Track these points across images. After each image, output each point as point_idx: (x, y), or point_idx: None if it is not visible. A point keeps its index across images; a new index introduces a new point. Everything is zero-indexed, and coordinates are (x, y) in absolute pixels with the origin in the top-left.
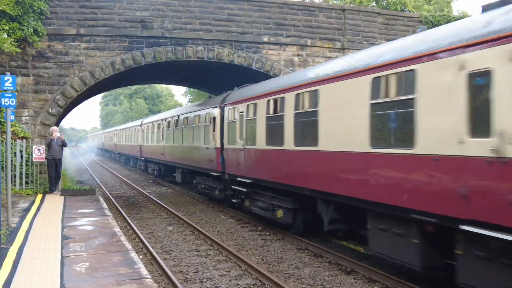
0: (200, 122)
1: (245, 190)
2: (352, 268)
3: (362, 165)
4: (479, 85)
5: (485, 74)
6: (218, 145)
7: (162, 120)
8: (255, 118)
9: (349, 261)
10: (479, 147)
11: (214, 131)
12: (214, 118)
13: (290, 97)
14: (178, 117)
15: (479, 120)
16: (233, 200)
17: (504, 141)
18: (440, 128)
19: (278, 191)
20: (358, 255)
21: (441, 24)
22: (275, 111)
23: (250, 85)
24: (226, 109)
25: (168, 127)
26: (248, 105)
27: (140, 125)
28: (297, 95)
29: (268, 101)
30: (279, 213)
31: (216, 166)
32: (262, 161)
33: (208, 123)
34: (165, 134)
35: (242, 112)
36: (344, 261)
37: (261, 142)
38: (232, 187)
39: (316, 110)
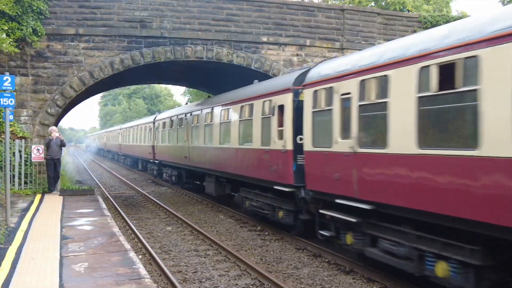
0: (253, 115)
1: (353, 220)
2: (351, 268)
3: None
4: None
5: None
6: (290, 147)
7: (186, 114)
8: (384, 102)
9: (348, 261)
10: None
11: (281, 126)
12: (282, 107)
13: (502, 54)
14: (212, 110)
15: None
16: (322, 232)
17: None
18: None
19: (427, 227)
20: (357, 255)
21: (440, 24)
22: (445, 85)
23: (341, 56)
24: (308, 92)
25: (197, 123)
26: (363, 82)
27: (153, 122)
28: None
29: (424, 69)
30: (440, 268)
31: (284, 176)
32: (403, 176)
33: (269, 115)
34: (191, 132)
35: (348, 94)
36: (343, 261)
37: (400, 142)
38: (321, 211)
39: None
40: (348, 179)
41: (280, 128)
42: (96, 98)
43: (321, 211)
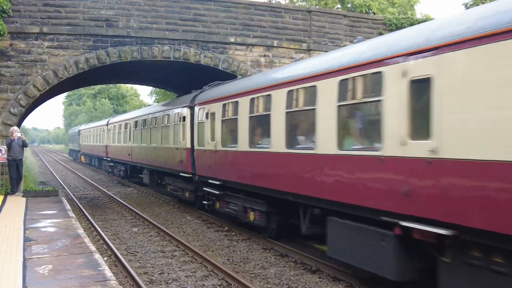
0: None
1: None
2: (318, 267)
3: None
4: None
5: None
6: None
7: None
8: None
9: (315, 260)
10: None
11: None
12: None
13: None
14: None
15: None
16: None
17: None
18: None
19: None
20: (323, 254)
21: (405, 27)
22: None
23: None
24: None
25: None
26: None
27: (191, 106)
28: None
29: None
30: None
31: None
32: None
33: None
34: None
35: None
36: (309, 261)
37: None
38: None
39: None
40: None
41: None
42: (61, 98)
43: None
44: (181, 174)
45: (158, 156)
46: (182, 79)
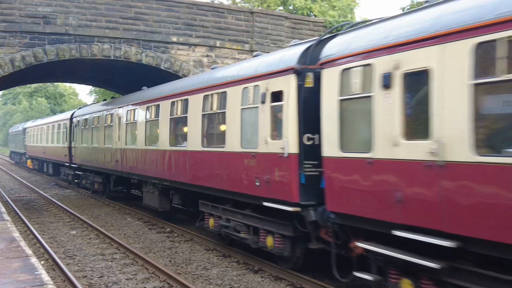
0: None
1: None
2: (260, 267)
3: None
4: None
5: None
6: None
7: None
8: None
9: (257, 260)
10: None
11: None
12: None
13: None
14: None
15: None
16: None
17: None
18: None
19: None
20: (265, 254)
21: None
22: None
23: None
24: None
25: None
26: None
27: (299, 71)
28: None
29: None
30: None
31: None
32: None
33: None
34: None
35: None
36: (251, 261)
37: None
38: None
39: None
40: None
41: None
42: None
43: None
44: (264, 203)
45: (189, 165)
46: (123, 78)
